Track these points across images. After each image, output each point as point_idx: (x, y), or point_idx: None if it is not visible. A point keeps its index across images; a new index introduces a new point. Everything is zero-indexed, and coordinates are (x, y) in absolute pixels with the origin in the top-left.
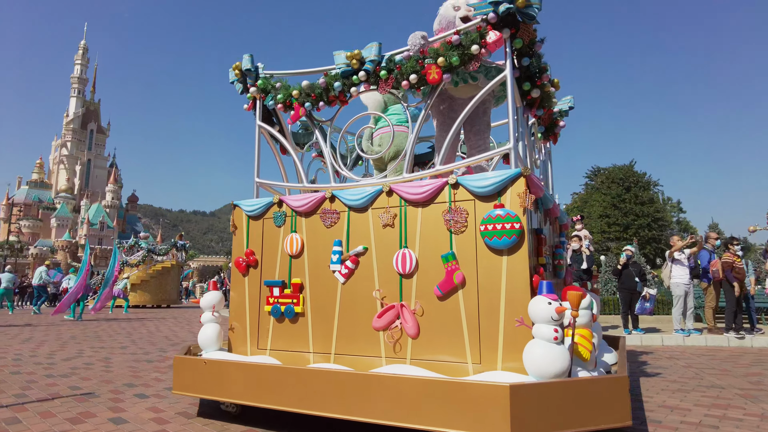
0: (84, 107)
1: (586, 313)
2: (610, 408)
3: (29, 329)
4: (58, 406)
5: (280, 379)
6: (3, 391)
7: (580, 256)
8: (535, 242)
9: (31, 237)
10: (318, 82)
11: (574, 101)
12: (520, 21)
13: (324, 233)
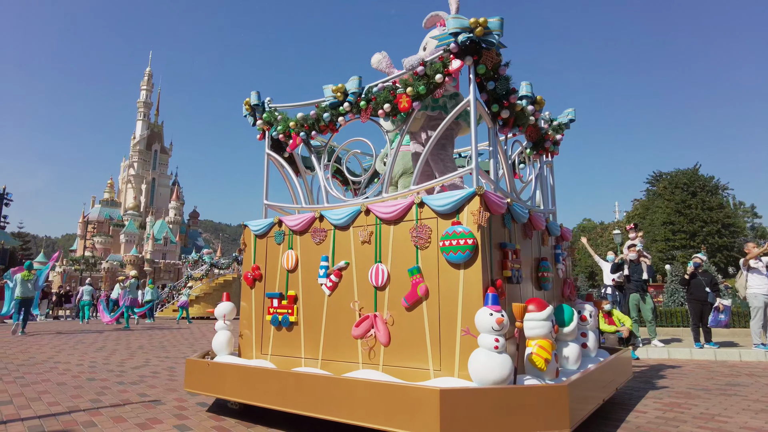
0: (149, 129)
1: (546, 324)
2: (547, 415)
3: (102, 339)
4: (129, 412)
5: (264, 379)
6: (80, 396)
7: (639, 266)
8: (499, 256)
9: (104, 252)
10: (310, 113)
11: (575, 113)
12: (484, 48)
13: (314, 250)
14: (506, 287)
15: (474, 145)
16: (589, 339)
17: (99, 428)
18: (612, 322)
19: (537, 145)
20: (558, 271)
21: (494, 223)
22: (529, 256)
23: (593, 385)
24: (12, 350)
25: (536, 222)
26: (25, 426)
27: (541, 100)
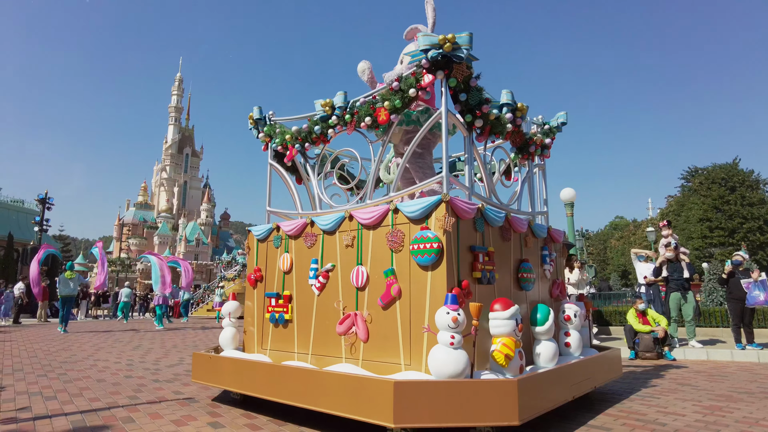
0: (180, 133)
1: (509, 323)
2: (497, 408)
3: (138, 338)
4: (164, 409)
5: (254, 372)
6: (119, 393)
7: (678, 265)
8: (470, 258)
9: (138, 253)
10: (303, 127)
11: (566, 117)
12: (454, 62)
13: (306, 253)
14: (477, 288)
15: (445, 154)
16: (572, 338)
17: (136, 424)
18: (646, 322)
19: (522, 150)
20: (545, 272)
21: (463, 227)
22: (508, 257)
23: (552, 382)
24: (55, 348)
25: (516, 225)
26: (69, 420)
27: (522, 107)
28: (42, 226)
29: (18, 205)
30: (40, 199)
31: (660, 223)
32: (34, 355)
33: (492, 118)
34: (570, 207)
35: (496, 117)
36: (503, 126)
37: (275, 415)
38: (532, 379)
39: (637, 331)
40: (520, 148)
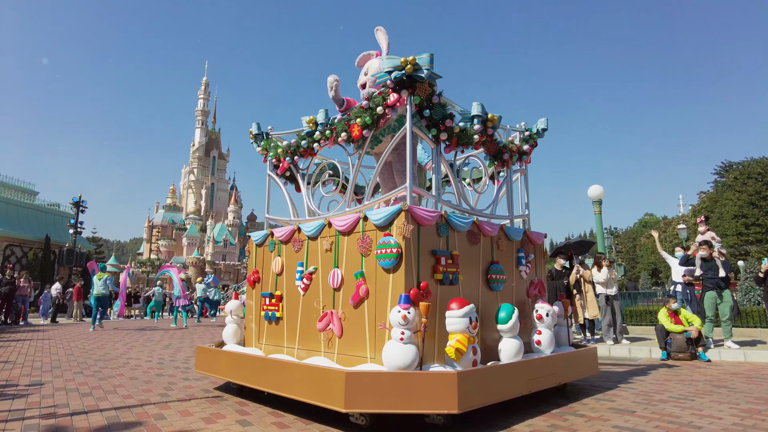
0: (207, 136)
1: (463, 321)
2: (438, 397)
3: (168, 337)
4: (194, 407)
5: (243, 363)
6: (150, 390)
7: (713, 263)
8: (431, 261)
9: (168, 255)
10: (291, 141)
11: (547, 123)
12: (417, 81)
13: (294, 257)
14: (438, 288)
15: (409, 166)
16: (543, 336)
17: (168, 421)
18: (679, 322)
19: (496, 157)
20: (521, 273)
21: (425, 233)
22: (476, 260)
23: (500, 376)
24: (90, 346)
25: (485, 229)
26: (104, 416)
27: (493, 118)
28: (76, 228)
29: (54, 209)
30: (75, 202)
31: (698, 219)
32: (70, 353)
33: (457, 131)
34: (598, 204)
35: (462, 129)
36: (470, 138)
37: (302, 414)
38: (473, 372)
39: (669, 331)
40: (494, 156)
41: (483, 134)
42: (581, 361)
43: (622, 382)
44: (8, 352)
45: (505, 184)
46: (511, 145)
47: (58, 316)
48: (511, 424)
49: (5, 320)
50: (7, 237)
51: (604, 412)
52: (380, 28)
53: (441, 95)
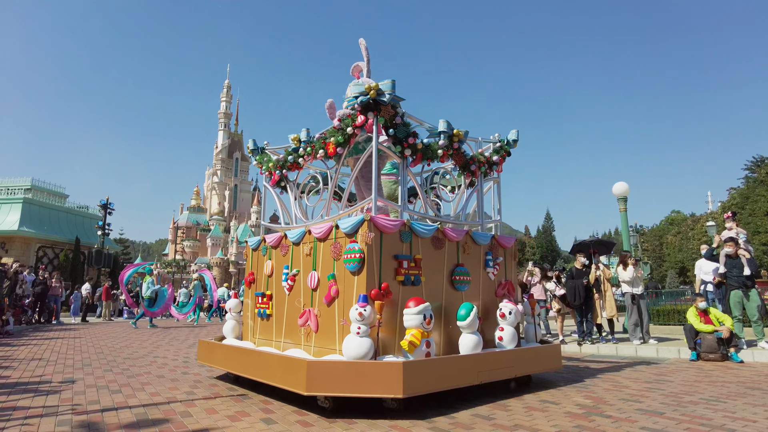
0: (229, 138)
1: (417, 317)
2: (387, 383)
3: (193, 336)
4: (219, 404)
5: (232, 354)
6: (177, 388)
7: (738, 261)
8: (394, 265)
9: (192, 255)
10: (280, 156)
11: (518, 134)
12: (382, 105)
13: (281, 260)
14: (401, 289)
15: (374, 180)
16: (505, 332)
17: (194, 419)
18: (709, 321)
19: (464, 168)
20: (488, 274)
21: (388, 239)
22: (441, 263)
23: (446, 368)
24: (119, 345)
25: (449, 235)
26: (132, 413)
27: (458, 133)
28: (104, 230)
29: (83, 211)
30: (102, 204)
31: (724, 215)
32: (100, 351)
33: (420, 147)
34: (623, 202)
35: (426, 145)
36: (434, 152)
37: (325, 413)
38: (418, 363)
39: (699, 330)
40: (462, 167)
41: (449, 148)
42: (541, 357)
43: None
44: (42, 350)
45: (475, 192)
46: (480, 157)
47: (87, 315)
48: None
49: (39, 319)
50: (40, 239)
51: (632, 413)
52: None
53: (404, 116)
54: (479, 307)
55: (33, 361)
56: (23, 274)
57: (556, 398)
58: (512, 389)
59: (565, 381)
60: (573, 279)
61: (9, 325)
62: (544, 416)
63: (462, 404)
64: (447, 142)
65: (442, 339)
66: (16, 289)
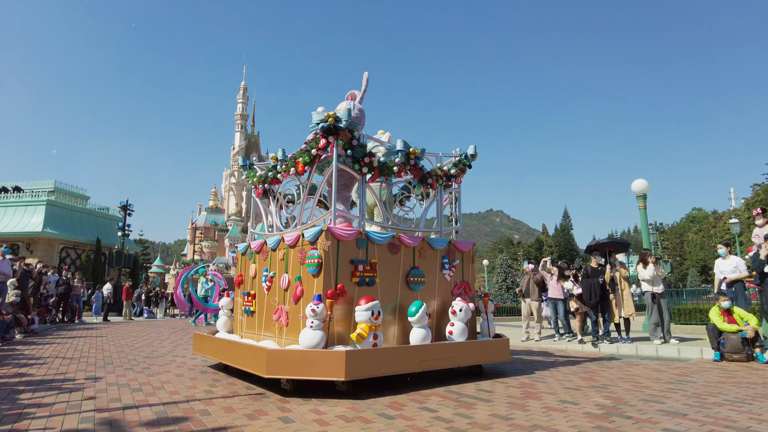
0: (246, 140)
1: (365, 314)
2: (332, 368)
3: None
4: (238, 403)
5: (217, 345)
6: (196, 387)
7: (757, 256)
8: (350, 268)
9: (211, 256)
10: (263, 172)
11: (475, 149)
12: (340, 129)
13: (262, 264)
14: (356, 289)
15: (334, 195)
16: (455, 327)
17: (213, 417)
18: (733, 321)
19: (422, 181)
20: (445, 276)
21: (345, 246)
22: (397, 266)
23: (386, 356)
24: (139, 344)
25: (405, 241)
26: (153, 411)
27: (414, 151)
28: (124, 230)
29: (104, 212)
30: (122, 206)
31: (754, 211)
32: (121, 350)
33: (376, 165)
34: (642, 199)
35: (383, 163)
36: (390, 169)
37: (343, 412)
38: (359, 352)
39: (722, 330)
40: (420, 180)
41: (406, 165)
42: (487, 350)
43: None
44: (65, 348)
45: (434, 202)
46: (438, 171)
47: (109, 314)
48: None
49: (62, 318)
50: (63, 240)
51: (653, 414)
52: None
53: (361, 138)
54: (438, 305)
55: (57, 359)
56: (48, 275)
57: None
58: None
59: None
60: (588, 278)
61: (34, 324)
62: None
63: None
64: (404, 159)
65: (398, 332)
66: (40, 288)
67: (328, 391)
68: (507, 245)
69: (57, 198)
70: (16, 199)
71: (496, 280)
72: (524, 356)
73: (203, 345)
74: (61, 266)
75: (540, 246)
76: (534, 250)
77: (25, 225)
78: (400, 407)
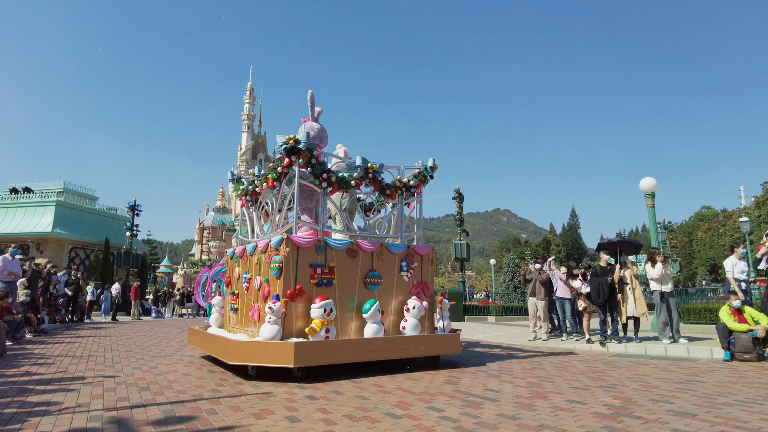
0: (253, 140)
1: (319, 311)
2: (283, 357)
3: None
4: (244, 402)
5: (203, 338)
6: (203, 386)
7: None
8: (310, 271)
9: (218, 255)
10: (244, 186)
11: (434, 162)
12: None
13: (244, 267)
14: (315, 289)
15: (296, 207)
16: (408, 323)
17: (220, 416)
18: (743, 320)
19: (382, 192)
20: (403, 277)
21: (305, 252)
22: (355, 269)
23: (332, 348)
24: (147, 343)
25: (363, 247)
26: (160, 410)
27: (372, 167)
28: (132, 231)
29: (112, 213)
30: (130, 206)
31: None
32: (129, 349)
33: (334, 180)
34: (651, 198)
35: (341, 178)
36: (348, 183)
37: (350, 412)
38: (308, 343)
39: (732, 330)
40: (380, 192)
41: (364, 178)
42: (436, 343)
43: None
44: (74, 347)
45: (399, 211)
46: (398, 183)
47: (117, 314)
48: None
49: (72, 318)
50: (72, 240)
51: (663, 414)
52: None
53: (323, 156)
54: (397, 304)
55: (66, 358)
56: (57, 275)
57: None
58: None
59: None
60: (597, 277)
61: (43, 324)
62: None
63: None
64: (362, 174)
65: (356, 327)
66: (49, 288)
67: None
68: (514, 244)
69: (66, 199)
70: (27, 199)
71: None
72: (527, 355)
73: (194, 338)
74: (70, 266)
75: (547, 245)
76: (541, 250)
77: (35, 225)
78: (407, 407)
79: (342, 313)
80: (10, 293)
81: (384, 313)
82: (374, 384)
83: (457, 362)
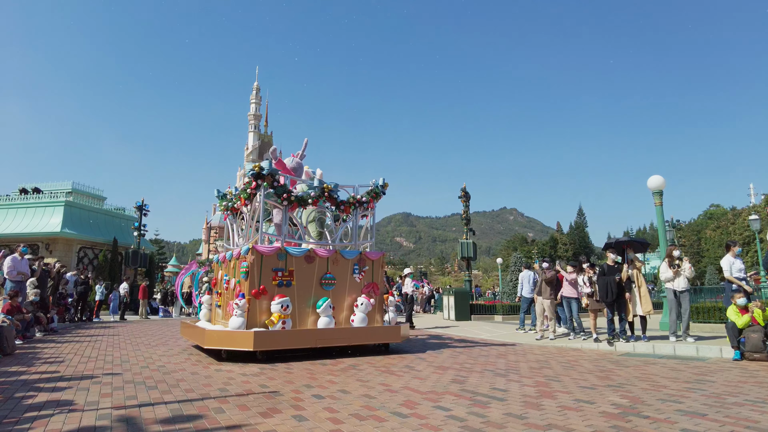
0: (260, 140)
1: (277, 306)
2: (245, 342)
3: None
4: (252, 401)
5: (192, 330)
6: (210, 385)
7: None
8: (272, 275)
9: None
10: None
11: (384, 180)
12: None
13: (224, 270)
14: (276, 289)
15: (261, 221)
16: (356, 317)
17: (227, 415)
18: (754, 321)
19: (337, 207)
20: (355, 279)
21: (268, 258)
22: (312, 272)
23: (287, 336)
24: (154, 342)
25: (319, 253)
26: (168, 408)
27: (326, 187)
28: (140, 231)
29: (120, 213)
30: (138, 206)
31: None
32: (137, 348)
33: (293, 199)
34: (658, 196)
35: (299, 197)
36: (305, 201)
37: (357, 411)
38: (264, 332)
39: (741, 327)
40: (336, 207)
41: (321, 197)
42: (378, 333)
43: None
44: (83, 346)
45: (354, 223)
46: (352, 199)
47: (126, 313)
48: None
49: (81, 317)
50: (81, 240)
51: (671, 414)
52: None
53: (284, 179)
54: (350, 301)
55: (75, 357)
56: (67, 275)
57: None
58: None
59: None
60: (605, 276)
61: (53, 323)
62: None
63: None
64: (319, 193)
65: (313, 320)
66: (59, 288)
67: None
68: (521, 243)
69: (75, 199)
70: (36, 200)
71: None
72: (534, 354)
73: (185, 331)
74: (79, 266)
75: (554, 244)
76: (548, 248)
77: (44, 225)
78: (414, 406)
79: (300, 308)
80: (19, 292)
81: (337, 309)
82: (381, 383)
83: (464, 362)
